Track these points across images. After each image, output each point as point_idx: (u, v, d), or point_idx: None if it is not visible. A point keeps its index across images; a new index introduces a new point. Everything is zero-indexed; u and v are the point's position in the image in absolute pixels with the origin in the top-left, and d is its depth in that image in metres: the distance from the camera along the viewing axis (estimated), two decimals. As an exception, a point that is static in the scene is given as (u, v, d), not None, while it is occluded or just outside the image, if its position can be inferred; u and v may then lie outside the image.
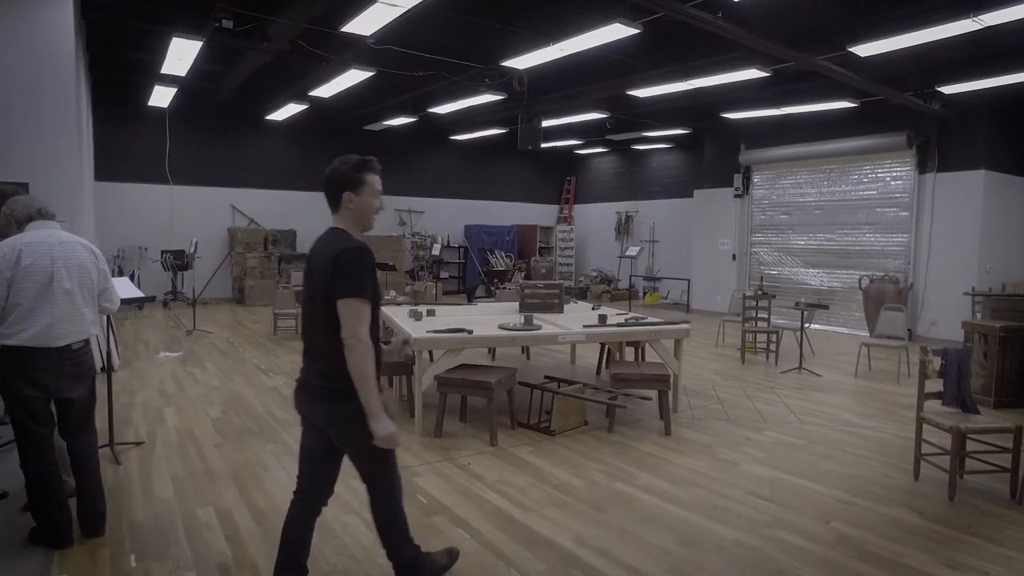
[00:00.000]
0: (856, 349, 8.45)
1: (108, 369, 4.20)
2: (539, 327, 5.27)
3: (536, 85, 9.26)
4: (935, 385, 4.06)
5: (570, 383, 5.29)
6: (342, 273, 2.20)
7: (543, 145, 11.53)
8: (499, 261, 14.99)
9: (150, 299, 5.11)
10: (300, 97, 10.75)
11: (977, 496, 3.77)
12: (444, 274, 15.32)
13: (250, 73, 9.63)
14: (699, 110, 11.08)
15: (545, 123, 10.97)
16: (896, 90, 8.06)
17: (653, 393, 5.25)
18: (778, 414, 5.56)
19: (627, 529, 3.28)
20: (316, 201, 12.81)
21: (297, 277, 11.73)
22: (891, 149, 9.67)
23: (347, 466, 2.49)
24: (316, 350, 2.32)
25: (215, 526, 3.23)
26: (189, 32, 7.21)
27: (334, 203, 2.36)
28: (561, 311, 6.31)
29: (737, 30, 5.98)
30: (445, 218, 15.53)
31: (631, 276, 14.71)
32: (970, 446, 3.95)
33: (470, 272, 15.49)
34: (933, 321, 9.40)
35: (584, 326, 5.38)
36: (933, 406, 4.08)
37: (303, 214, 13.82)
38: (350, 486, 3.74)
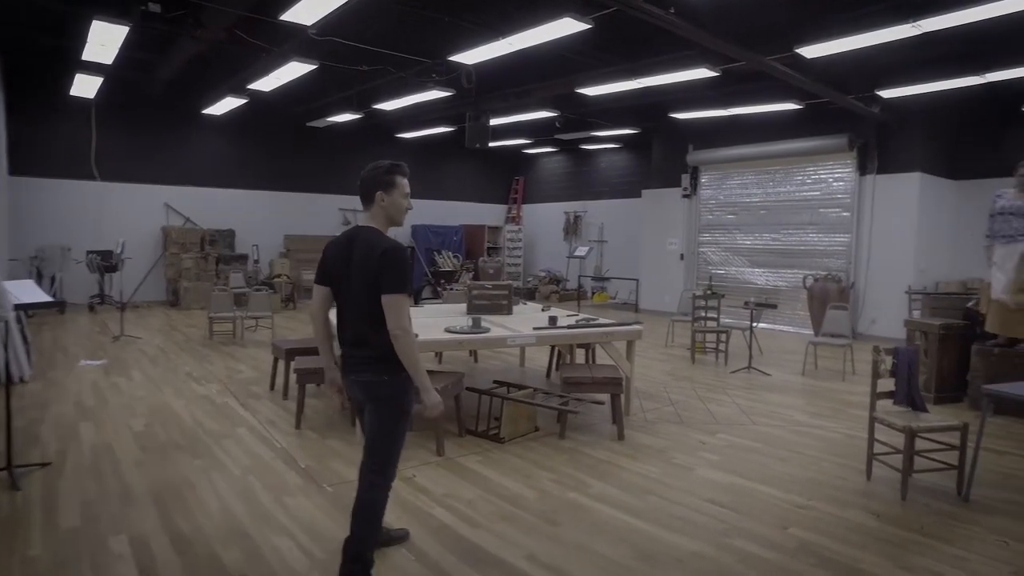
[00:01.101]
0: (801, 347, 8.56)
1: (7, 382, 3.77)
2: (487, 330, 5.06)
3: (485, 82, 9.07)
4: (882, 383, 4.05)
5: (520, 388, 5.09)
6: (388, 270, 2.49)
7: (491, 144, 11.32)
8: (446, 261, 14.73)
9: (53, 304, 4.66)
10: (238, 90, 10.24)
11: (927, 494, 3.76)
12: (392, 275, 14.93)
13: (184, 63, 9.09)
14: (648, 110, 11.08)
15: (493, 121, 10.77)
16: (840, 93, 8.20)
17: (605, 396, 5.13)
18: (730, 415, 5.51)
19: (582, 544, 3.11)
20: (257, 200, 12.29)
21: (237, 279, 11.23)
22: (833, 151, 9.88)
23: (276, 489, 2.21)
24: (357, 338, 2.60)
25: (127, 557, 2.89)
26: (112, 16, 6.69)
27: (367, 201, 2.65)
28: (510, 312, 6.13)
29: (689, 27, 5.92)
30: (392, 218, 15.12)
31: (580, 276, 14.68)
32: (919, 444, 3.94)
33: (416, 273, 15.14)
34: (873, 319, 9.63)
35: (534, 328, 5.20)
36: (884, 405, 4.06)
37: (243, 213, 13.26)
38: (284, 504, 3.46)
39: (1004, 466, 4.31)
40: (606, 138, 14.08)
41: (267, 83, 9.35)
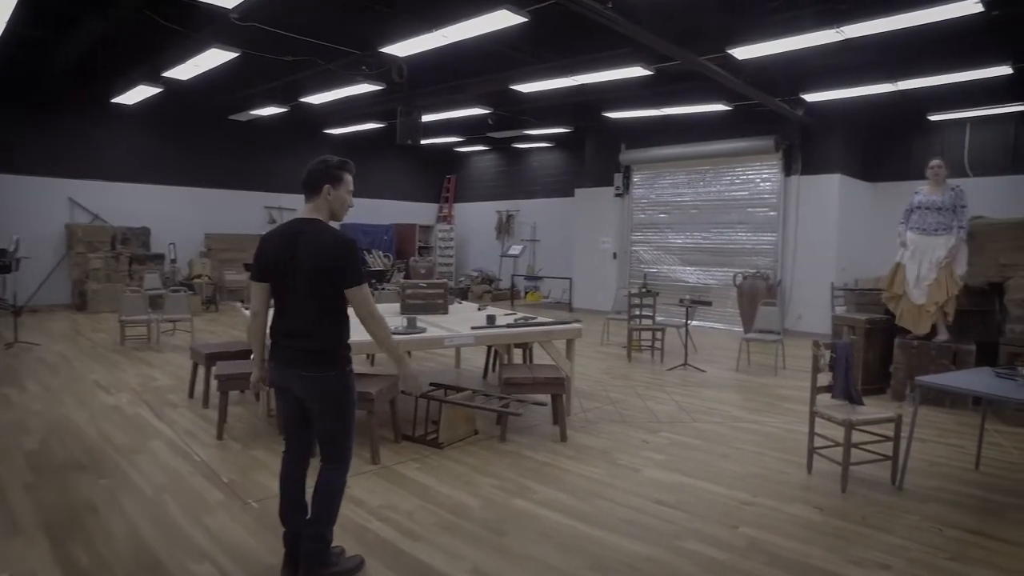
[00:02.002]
0: (732, 344, 8.75)
1: None
2: (423, 330, 4.85)
3: (417, 77, 8.81)
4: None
5: (458, 390, 4.90)
6: (350, 263, 2.55)
7: (423, 141, 11.01)
8: (377, 261, 14.32)
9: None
10: (153, 78, 9.52)
11: (864, 486, 3.82)
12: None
13: (89, 45, 8.35)
14: (581, 108, 11.10)
15: (425, 118, 10.49)
16: (767, 95, 8.42)
17: (546, 397, 5.00)
18: (671, 413, 5.50)
19: (531, 554, 2.95)
20: (174, 196, 11.48)
21: (152, 279, 10.49)
22: (760, 152, 10.18)
23: (194, 509, 1.94)
24: (301, 330, 2.57)
25: (14, 597, 2.53)
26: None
27: (313, 193, 2.63)
28: (446, 312, 5.93)
29: (627, 23, 5.89)
30: (321, 216, 14.55)
31: (513, 276, 14.60)
32: (855, 436, 4.00)
33: (349, 273, 14.68)
34: (799, 315, 9.97)
35: (472, 328, 5.03)
36: (822, 399, 4.11)
37: (159, 210, 12.43)
38: (203, 525, 3.14)
39: (929, 454, 4.46)
40: (539, 137, 14.05)
41: (184, 71, 8.73)
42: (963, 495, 3.75)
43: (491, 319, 5.29)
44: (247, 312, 3.04)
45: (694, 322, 10.43)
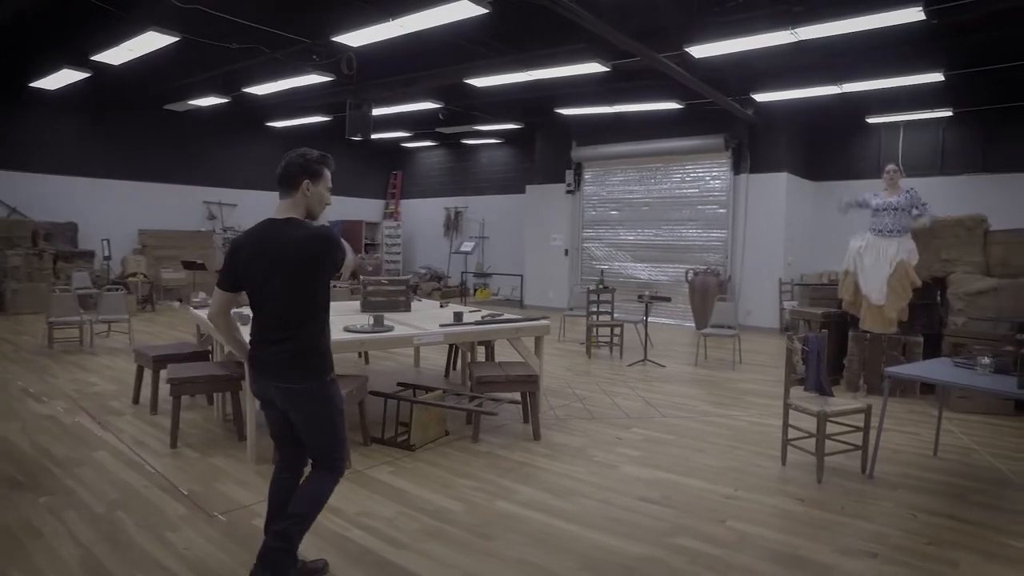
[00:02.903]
0: (686, 339, 8.91)
1: None
2: (391, 328, 4.66)
3: (367, 69, 8.54)
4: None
5: (428, 389, 4.75)
6: (333, 250, 2.46)
7: (372, 136, 10.69)
8: (326, 259, 13.87)
9: None
10: (79, 61, 8.87)
11: (837, 475, 3.90)
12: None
13: (4, 22, 7.69)
14: (533, 104, 11.05)
15: (375, 111, 10.22)
16: (720, 94, 8.58)
17: (517, 395, 4.93)
18: (638, 408, 5.51)
19: (523, 559, 2.85)
20: (105, 190, 10.74)
21: (81, 278, 9.82)
22: (710, 150, 10.39)
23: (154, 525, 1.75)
24: (279, 338, 2.42)
25: (-44, 632, 2.24)
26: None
27: (291, 188, 2.48)
28: (408, 309, 5.76)
29: (592, 17, 5.84)
30: (262, 212, 13.64)
31: (463, 273, 14.46)
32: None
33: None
34: (748, 311, 10.23)
35: (441, 325, 4.88)
36: (794, 391, 4.18)
37: (87, 205, 11.63)
38: (165, 542, 2.90)
39: (891, 442, 4.59)
40: (488, 132, 13.93)
41: (117, 55, 8.16)
42: (927, 480, 3.88)
43: (458, 316, 5.16)
44: (199, 313, 2.89)
45: (640, 319, 10.60)
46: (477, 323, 5.10)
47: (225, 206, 13.44)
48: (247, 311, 4.82)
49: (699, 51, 7.00)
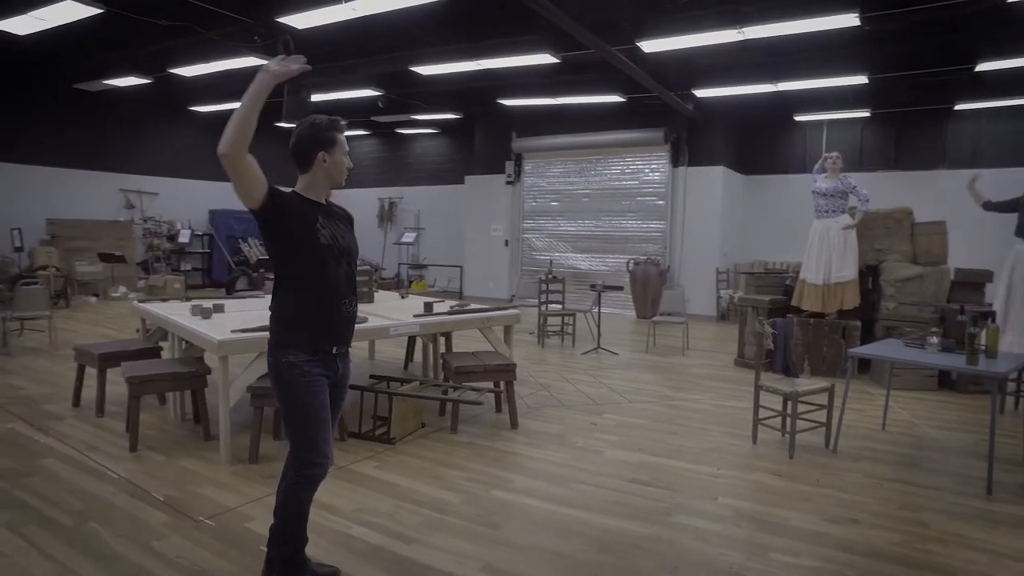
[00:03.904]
0: (627, 327, 9.18)
1: None
2: (365, 319, 4.54)
3: (305, 52, 8.18)
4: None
5: (402, 381, 4.68)
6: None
7: (291, 124, 10.22)
8: (253, 250, 13.30)
9: None
10: (-24, 31, 8.04)
11: (805, 451, 4.14)
12: (186, 266, 13.10)
13: None
14: (475, 94, 10.99)
15: (312, 97, 9.86)
16: (664, 88, 8.83)
17: (490, 384, 4.92)
18: (603, 395, 5.63)
19: (536, 544, 2.87)
20: (7, 175, 9.72)
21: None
22: (650, 143, 10.69)
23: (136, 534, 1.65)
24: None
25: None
26: None
27: (306, 164, 2.39)
28: (372, 300, 5.65)
29: (552, 7, 5.87)
30: (185, 201, 13.24)
31: (400, 264, 14.23)
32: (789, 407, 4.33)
33: (218, 263, 13.50)
34: (687, 299, 10.60)
35: (415, 316, 4.80)
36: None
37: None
38: (154, 551, 2.72)
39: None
40: (425, 122, 13.74)
41: (22, 24, 7.44)
42: (883, 452, 4.19)
43: (428, 307, 5.09)
44: (146, 306, 2.72)
45: (586, 308, 10.82)
46: (450, 313, 5.05)
47: (145, 195, 12.59)
48: (208, 304, 4.59)
49: (649, 46, 7.19)
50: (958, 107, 9.33)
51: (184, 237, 12.69)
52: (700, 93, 9.25)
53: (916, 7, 6.03)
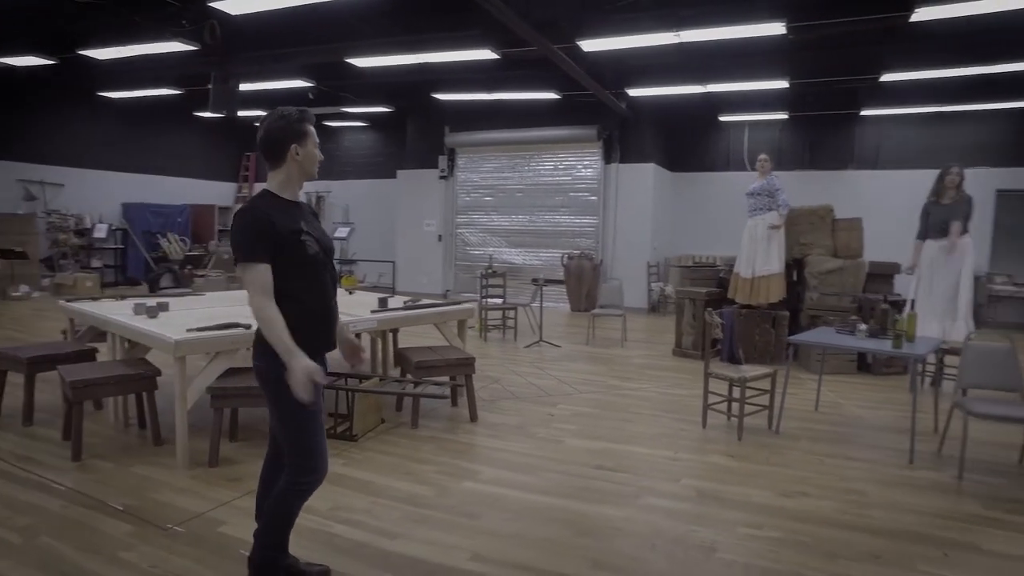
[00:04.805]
0: (562, 320, 9.42)
1: None
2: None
3: (233, 40, 7.92)
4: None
5: (361, 378, 4.62)
6: (232, 237, 2.24)
7: (217, 115, 9.69)
8: (173, 246, 12.63)
9: None
10: None
11: (751, 433, 4.42)
12: (98, 262, 12.26)
13: None
14: (409, 87, 10.90)
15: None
16: (600, 87, 9.06)
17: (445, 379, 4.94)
18: (553, 387, 5.76)
19: (518, 532, 2.95)
20: None
21: None
22: (583, 140, 10.95)
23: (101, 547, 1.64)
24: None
25: None
26: None
27: (278, 159, 2.28)
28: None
29: (499, 2, 5.91)
30: (94, 194, 12.38)
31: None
32: (736, 392, 4.61)
33: (134, 260, 12.73)
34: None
35: (372, 311, 4.76)
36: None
37: None
38: (124, 563, 2.60)
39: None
40: (355, 115, 13.46)
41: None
42: (819, 431, 4.53)
43: (383, 302, 5.06)
44: (75, 306, 2.59)
45: (525, 302, 10.96)
46: (405, 308, 5.04)
47: (49, 186, 11.67)
48: (152, 302, 4.37)
49: (589, 45, 7.37)
50: (864, 113, 10.13)
51: (100, 232, 11.89)
52: (633, 92, 9.57)
53: (834, 20, 6.50)
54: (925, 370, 5.75)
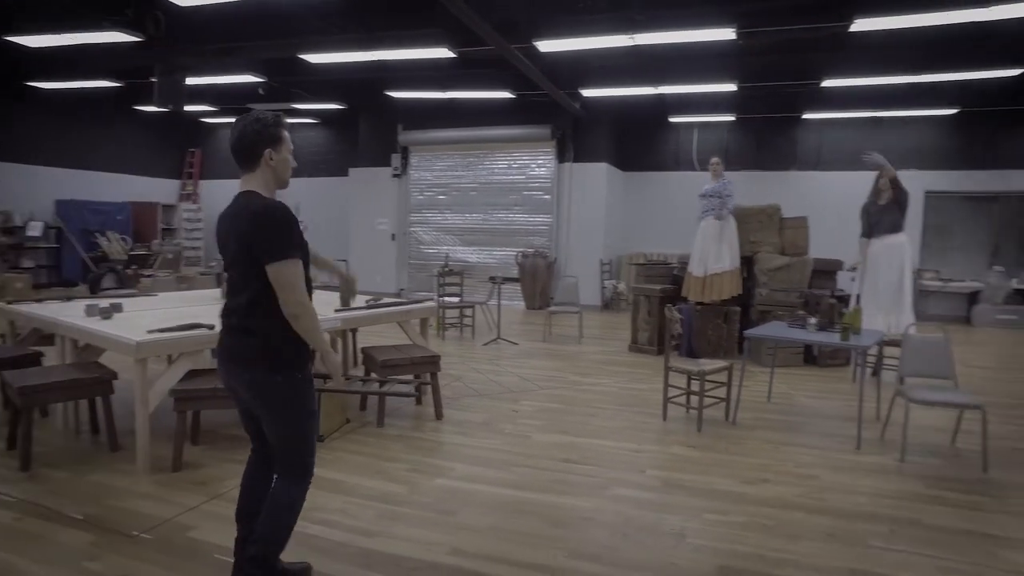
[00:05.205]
0: (519, 317, 9.52)
1: None
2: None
3: (178, 32, 7.67)
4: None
5: (324, 377, 4.56)
6: (264, 232, 2.13)
7: (162, 109, 9.32)
8: (113, 246, 12.10)
9: None
10: None
11: (709, 424, 4.58)
12: (29, 262, 11.64)
13: None
14: (362, 85, 10.77)
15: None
16: (554, 87, 9.17)
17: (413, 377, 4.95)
18: (515, 383, 5.82)
19: (494, 526, 3.00)
20: None
21: None
22: (537, 139, 11.05)
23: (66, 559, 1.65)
24: (237, 324, 2.23)
25: None
26: None
27: (252, 162, 2.24)
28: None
29: (462, 3, 5.93)
30: (23, 190, 11.72)
31: (282, 259, 13.56)
32: (695, 385, 4.77)
33: (69, 260, 12.14)
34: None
35: (336, 311, 4.71)
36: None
37: None
38: (94, 574, 2.53)
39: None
40: (307, 112, 13.20)
41: None
42: (773, 421, 4.74)
43: (345, 301, 5.00)
44: (18, 308, 2.48)
45: (481, 300, 11.00)
46: (368, 308, 5.00)
47: (-30, 181, 11.03)
48: (104, 303, 4.22)
49: (546, 46, 7.46)
50: (806, 116, 10.58)
51: (35, 230, 11.30)
52: (587, 93, 9.72)
53: (781, 28, 6.78)
54: (867, 361, 6.08)
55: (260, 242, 2.12)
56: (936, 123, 10.33)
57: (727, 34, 6.74)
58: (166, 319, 3.98)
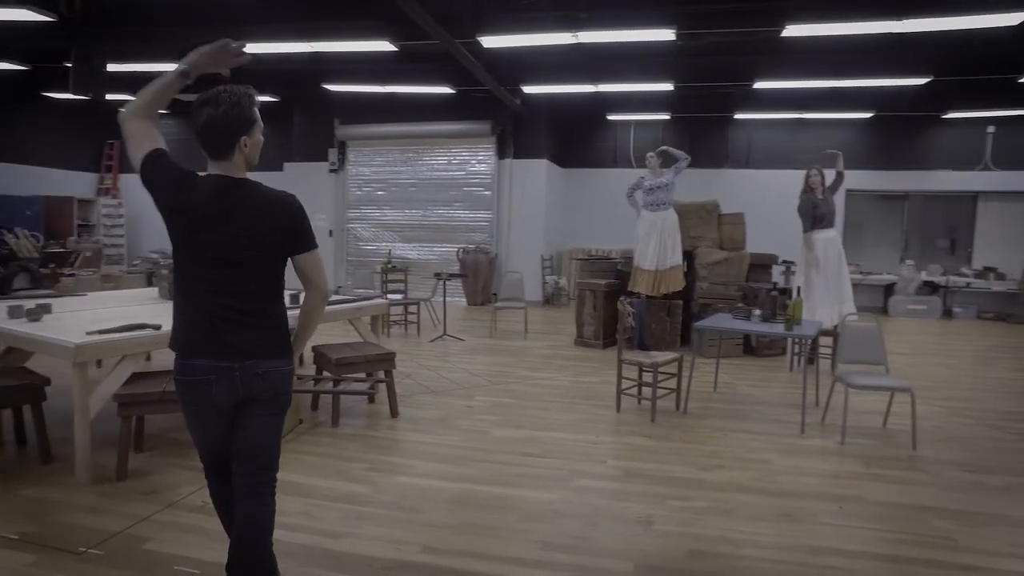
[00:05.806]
0: (462, 314, 9.52)
1: None
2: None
3: (111, 15, 7.23)
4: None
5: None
6: (305, 223, 2.11)
7: (79, 97, 8.71)
8: (24, 242, 11.24)
9: None
10: None
11: (662, 415, 4.70)
12: (-75, 263, 10.67)
13: None
14: (297, 77, 10.44)
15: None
16: (496, 83, 9.16)
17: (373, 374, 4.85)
18: (466, 379, 5.80)
19: (464, 522, 2.98)
20: None
21: None
22: (477, 135, 11.01)
23: None
24: (248, 311, 2.04)
25: None
26: None
27: (227, 148, 2.04)
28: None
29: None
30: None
31: (210, 257, 12.99)
32: (644, 376, 4.89)
33: (-28, 259, 11.20)
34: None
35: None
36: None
37: None
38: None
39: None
40: (235, 103, 12.66)
41: None
42: (722, 409, 4.92)
43: (295, 299, 4.84)
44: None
45: (425, 297, 10.89)
46: (316, 306, 4.86)
47: None
48: (31, 304, 3.93)
49: (489, 42, 7.45)
50: (737, 116, 11.01)
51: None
52: (528, 89, 9.77)
53: (718, 30, 7.03)
54: (802, 350, 6.38)
55: (304, 232, 2.09)
56: (854, 125, 10.97)
57: (667, 35, 6.93)
58: (103, 320, 3.74)
